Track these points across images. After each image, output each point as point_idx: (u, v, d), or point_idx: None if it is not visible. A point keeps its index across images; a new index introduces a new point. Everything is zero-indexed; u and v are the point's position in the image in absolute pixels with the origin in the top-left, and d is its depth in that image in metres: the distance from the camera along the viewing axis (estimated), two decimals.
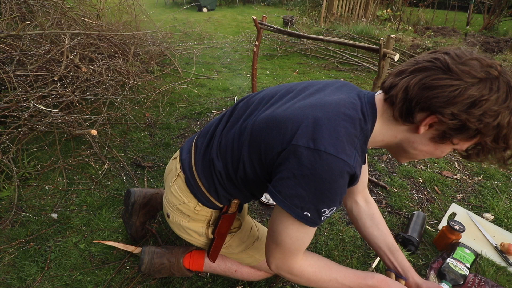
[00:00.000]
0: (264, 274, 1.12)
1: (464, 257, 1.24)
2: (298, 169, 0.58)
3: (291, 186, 0.59)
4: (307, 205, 0.60)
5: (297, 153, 0.58)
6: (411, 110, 0.58)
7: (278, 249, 0.68)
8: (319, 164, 0.56)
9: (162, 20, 5.28)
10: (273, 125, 0.65)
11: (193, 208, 0.89)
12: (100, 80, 2.25)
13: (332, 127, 0.59)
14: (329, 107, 0.62)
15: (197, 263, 1.10)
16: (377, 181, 1.82)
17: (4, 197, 1.58)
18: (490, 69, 0.53)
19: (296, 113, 0.63)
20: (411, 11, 7.14)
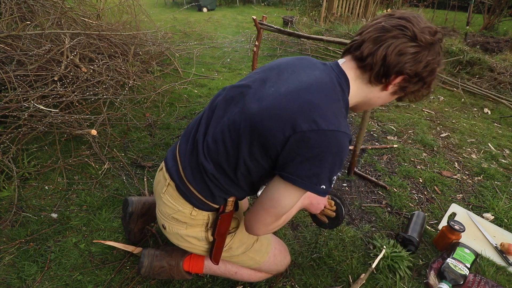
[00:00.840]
0: (264, 275, 1.12)
1: (464, 257, 1.24)
2: (310, 152, 0.64)
3: (307, 168, 0.65)
4: (323, 180, 0.67)
5: (304, 138, 0.64)
6: (388, 74, 0.69)
7: (274, 217, 0.75)
8: (327, 141, 0.64)
9: (162, 20, 5.28)
10: (270, 117, 0.68)
11: (189, 214, 0.87)
12: (100, 80, 2.25)
13: (326, 106, 0.66)
14: (315, 88, 0.69)
15: (197, 265, 1.09)
16: (377, 181, 1.82)
17: (4, 197, 1.58)
18: (437, 34, 0.69)
19: (289, 101, 0.67)
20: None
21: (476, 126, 2.62)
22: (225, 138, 0.75)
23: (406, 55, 0.67)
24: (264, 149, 0.70)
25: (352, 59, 0.75)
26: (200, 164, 0.80)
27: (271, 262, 1.08)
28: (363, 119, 1.60)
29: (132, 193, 1.68)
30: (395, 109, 2.87)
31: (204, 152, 0.79)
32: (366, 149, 2.17)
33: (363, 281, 1.21)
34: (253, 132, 0.70)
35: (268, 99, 0.70)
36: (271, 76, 0.77)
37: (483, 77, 3.63)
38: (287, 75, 0.75)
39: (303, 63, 0.79)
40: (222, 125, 0.77)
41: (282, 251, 1.12)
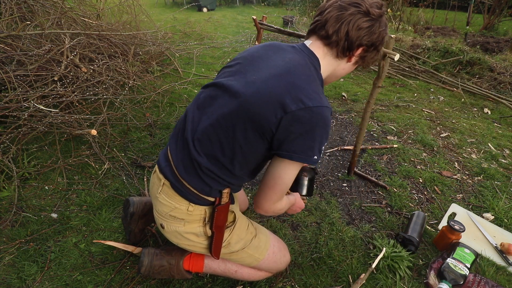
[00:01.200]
0: (264, 274, 1.12)
1: (464, 257, 1.24)
2: (301, 128, 0.71)
3: (301, 143, 0.73)
4: (315, 151, 0.75)
5: (295, 117, 0.71)
6: (352, 47, 0.80)
7: (280, 193, 0.81)
8: (315, 117, 0.72)
9: (162, 20, 5.28)
10: (260, 102, 0.73)
11: (185, 210, 0.89)
12: (100, 80, 2.25)
13: (307, 86, 0.74)
14: (294, 70, 0.76)
15: (197, 264, 1.09)
16: (377, 181, 1.82)
17: (4, 197, 1.58)
18: (383, 7, 0.80)
19: (274, 85, 0.73)
20: (411, 11, 7.14)
21: (476, 126, 2.62)
22: (218, 131, 0.78)
23: (364, 29, 0.77)
24: (260, 133, 0.75)
25: (318, 39, 0.83)
26: (193, 160, 0.82)
27: (270, 260, 1.08)
28: (363, 119, 1.60)
29: (132, 193, 1.68)
30: (395, 109, 2.87)
31: (196, 148, 0.82)
32: (366, 149, 2.17)
33: (363, 281, 1.21)
34: (246, 119, 0.74)
35: (254, 86, 0.75)
36: (248, 67, 0.82)
37: (483, 77, 3.63)
38: (263, 63, 0.80)
39: (273, 49, 0.85)
40: (212, 120, 0.80)
41: (281, 249, 1.13)
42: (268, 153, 0.81)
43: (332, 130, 2.48)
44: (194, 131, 0.83)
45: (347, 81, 3.60)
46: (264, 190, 0.82)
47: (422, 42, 4.55)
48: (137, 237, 1.30)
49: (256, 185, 1.79)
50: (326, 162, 2.05)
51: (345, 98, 3.10)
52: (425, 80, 3.67)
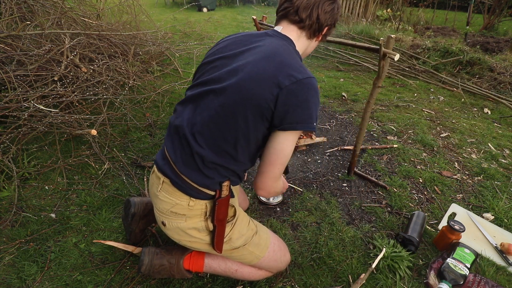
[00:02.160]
0: (264, 274, 1.12)
1: (464, 257, 1.24)
2: (298, 100, 0.78)
3: (300, 113, 0.79)
4: (313, 118, 0.81)
5: (290, 91, 0.77)
6: (321, 28, 0.93)
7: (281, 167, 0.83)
8: (306, 88, 0.79)
9: (162, 20, 5.27)
10: (256, 82, 0.78)
11: (186, 205, 0.90)
12: (100, 80, 2.25)
13: (293, 62, 0.82)
14: (278, 51, 0.83)
15: (197, 263, 1.09)
16: (377, 181, 1.82)
17: (4, 197, 1.58)
18: None
19: (265, 66, 0.80)
20: (411, 11, 7.14)
21: (476, 126, 2.62)
22: (218, 121, 0.82)
23: (329, 12, 0.90)
24: (259, 115, 0.79)
25: (290, 23, 0.92)
26: (195, 154, 0.85)
27: (271, 258, 1.08)
28: (363, 119, 1.60)
29: (132, 193, 1.68)
30: (395, 109, 2.87)
31: (199, 142, 0.84)
32: (366, 149, 2.17)
33: (363, 281, 1.21)
34: (245, 103, 0.79)
35: (245, 70, 0.80)
36: (233, 57, 0.87)
37: (483, 77, 3.63)
38: (247, 51, 0.86)
39: (250, 37, 0.92)
40: (211, 111, 0.83)
41: (281, 248, 1.13)
42: (268, 132, 0.85)
43: (332, 130, 2.48)
44: (192, 125, 0.85)
45: (347, 81, 3.60)
46: (266, 168, 0.84)
47: (422, 42, 4.55)
48: (137, 237, 1.30)
49: None
50: (326, 162, 2.05)
51: (345, 98, 3.10)
52: (425, 80, 3.67)
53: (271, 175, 0.84)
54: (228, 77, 0.82)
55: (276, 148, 0.82)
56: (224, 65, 0.86)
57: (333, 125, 2.56)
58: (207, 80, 0.87)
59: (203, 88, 0.86)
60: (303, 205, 1.65)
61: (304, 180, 1.87)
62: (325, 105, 2.93)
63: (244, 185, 1.80)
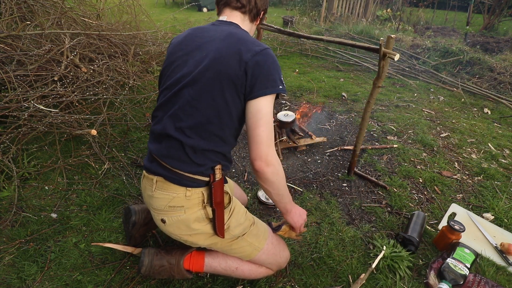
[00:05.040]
0: (265, 271, 1.12)
1: (464, 257, 1.24)
2: (262, 69, 0.86)
3: (266, 80, 0.87)
4: (278, 82, 0.88)
5: (253, 63, 0.86)
6: (259, 13, 1.06)
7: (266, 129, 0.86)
8: (266, 57, 0.88)
9: (162, 20, 5.27)
10: (226, 56, 0.87)
11: (183, 196, 0.92)
12: (100, 80, 2.25)
13: (249, 38, 0.92)
14: (233, 32, 0.93)
15: (197, 263, 1.09)
16: (377, 181, 1.82)
17: (4, 197, 1.58)
18: None
19: (228, 44, 0.89)
20: (411, 11, 7.14)
21: (476, 126, 2.62)
22: (200, 106, 0.88)
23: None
24: (234, 89, 0.87)
25: (233, 10, 1.01)
26: (186, 147, 0.89)
27: (270, 252, 1.09)
28: (363, 119, 1.60)
29: (132, 193, 1.68)
30: (395, 109, 2.87)
31: (187, 134, 0.89)
32: (366, 149, 2.17)
33: (363, 281, 1.21)
34: (220, 80, 0.86)
35: (209, 56, 0.88)
36: (190, 52, 0.94)
37: (483, 77, 3.63)
38: (201, 43, 0.94)
39: (197, 31, 0.99)
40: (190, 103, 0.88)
41: (280, 242, 1.14)
42: (244, 106, 0.91)
43: (332, 130, 2.48)
44: (175, 122, 0.90)
45: (347, 81, 3.60)
46: (251, 134, 0.87)
47: (422, 42, 4.55)
48: (137, 241, 1.30)
49: (255, 185, 1.79)
50: (326, 162, 2.05)
51: (345, 98, 3.10)
52: (425, 80, 3.67)
53: (258, 139, 0.85)
54: (195, 68, 0.89)
55: (252, 113, 0.86)
56: (187, 61, 0.92)
57: (333, 125, 2.56)
58: (176, 79, 0.92)
59: (176, 88, 0.91)
60: (303, 205, 1.65)
61: (304, 180, 1.87)
62: (325, 105, 2.93)
63: (244, 185, 1.80)
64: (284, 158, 2.08)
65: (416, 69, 3.92)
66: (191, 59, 0.91)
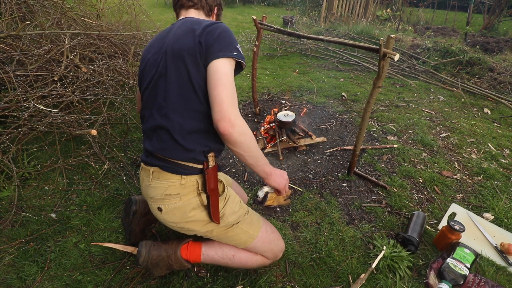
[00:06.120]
0: (260, 259, 1.14)
1: (464, 257, 1.24)
2: (213, 36, 0.91)
3: (218, 44, 0.90)
4: (231, 48, 0.92)
5: (205, 32, 0.92)
6: (212, 8, 1.15)
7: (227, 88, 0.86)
8: (217, 27, 0.94)
9: (162, 20, 5.27)
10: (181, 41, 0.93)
11: (179, 184, 0.95)
12: (100, 80, 2.25)
13: (204, 20, 0.99)
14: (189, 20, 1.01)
15: (194, 252, 1.11)
16: (377, 181, 1.82)
17: (4, 197, 1.58)
18: None
19: (183, 28, 0.97)
20: (411, 11, 7.14)
21: (476, 126, 2.62)
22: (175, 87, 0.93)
23: None
24: (195, 59, 0.90)
25: (188, 9, 1.11)
26: (173, 133, 0.92)
27: (265, 239, 1.12)
28: (363, 119, 1.60)
29: (132, 193, 1.68)
30: (395, 109, 2.87)
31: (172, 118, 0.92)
32: (366, 149, 2.17)
33: (363, 281, 1.21)
34: (181, 55, 0.91)
35: (170, 37, 0.97)
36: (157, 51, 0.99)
37: (483, 77, 3.63)
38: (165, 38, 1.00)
39: (161, 33, 1.06)
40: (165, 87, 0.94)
41: (274, 230, 1.18)
42: None
43: (332, 130, 2.48)
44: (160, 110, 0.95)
45: (347, 81, 3.60)
46: (212, 96, 0.87)
47: (422, 42, 4.55)
48: (137, 237, 1.30)
49: (255, 185, 1.79)
50: (326, 162, 2.05)
51: (345, 98, 3.10)
52: (425, 80, 3.67)
53: (218, 99, 0.85)
54: (162, 59, 0.96)
55: (211, 74, 0.88)
56: (156, 59, 0.98)
57: (333, 125, 2.56)
58: (151, 76, 0.98)
59: (152, 83, 0.98)
60: (303, 205, 1.65)
61: (304, 180, 1.87)
62: (325, 105, 2.93)
63: (244, 185, 1.80)
64: (284, 158, 2.08)
65: (416, 69, 3.92)
66: (158, 55, 0.98)
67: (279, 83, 3.44)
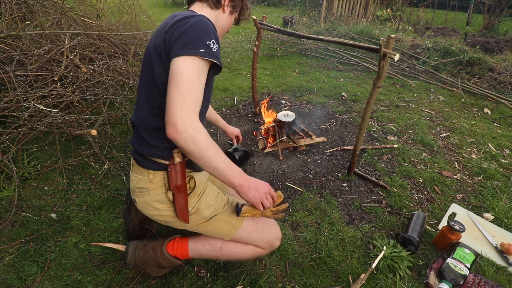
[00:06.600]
0: (252, 249, 1.08)
1: (464, 257, 1.24)
2: (179, 31, 0.84)
3: (181, 41, 0.83)
4: (201, 44, 0.83)
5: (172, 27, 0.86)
6: (220, 1, 1.02)
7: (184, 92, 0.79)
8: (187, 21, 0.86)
9: (162, 20, 5.28)
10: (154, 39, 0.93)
11: (147, 179, 0.98)
12: (100, 80, 2.25)
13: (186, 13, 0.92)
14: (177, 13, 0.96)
15: (182, 248, 1.11)
16: (377, 181, 1.82)
17: (4, 197, 1.58)
18: None
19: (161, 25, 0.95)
20: (411, 11, 7.14)
21: (476, 126, 2.62)
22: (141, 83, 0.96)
23: None
24: (160, 57, 0.88)
25: (192, 3, 1.04)
26: (139, 129, 0.96)
27: (251, 228, 1.06)
28: (363, 119, 1.60)
29: None
30: (395, 109, 2.87)
31: (137, 113, 0.96)
32: (366, 149, 2.17)
33: (363, 281, 1.21)
34: (150, 53, 0.90)
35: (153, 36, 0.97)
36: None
37: (483, 77, 3.63)
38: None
39: None
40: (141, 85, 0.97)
41: (262, 218, 1.10)
42: None
43: (332, 130, 2.48)
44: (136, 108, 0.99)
45: (347, 81, 3.60)
46: (166, 95, 0.80)
47: (422, 42, 4.55)
48: (135, 230, 1.29)
49: None
50: (326, 162, 2.05)
51: (345, 98, 3.10)
52: (425, 80, 3.67)
53: (168, 100, 0.79)
54: (146, 56, 0.96)
55: (171, 74, 0.81)
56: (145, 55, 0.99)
57: (333, 125, 2.56)
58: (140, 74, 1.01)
59: (139, 80, 1.01)
60: (303, 205, 1.65)
61: (304, 180, 1.87)
62: (325, 105, 2.93)
63: None
64: (284, 158, 2.08)
65: (416, 69, 3.92)
66: (146, 53, 0.98)
67: (279, 83, 3.44)
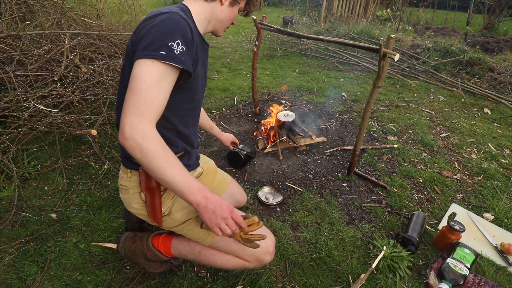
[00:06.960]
0: (233, 259, 1.03)
1: (464, 257, 1.24)
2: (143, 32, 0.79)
3: (143, 43, 0.77)
4: (162, 45, 0.75)
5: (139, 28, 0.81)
6: None
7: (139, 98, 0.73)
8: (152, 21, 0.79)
9: None
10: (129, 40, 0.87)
11: (127, 177, 0.98)
12: (100, 80, 2.25)
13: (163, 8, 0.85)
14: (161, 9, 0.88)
15: (165, 244, 1.11)
16: (377, 181, 1.82)
17: (4, 197, 1.58)
18: None
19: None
20: (411, 11, 7.14)
21: (476, 126, 2.62)
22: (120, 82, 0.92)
23: None
24: (130, 60, 0.82)
25: None
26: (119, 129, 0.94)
27: (230, 239, 0.95)
28: (363, 119, 1.60)
29: None
30: (395, 109, 2.87)
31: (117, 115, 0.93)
32: (366, 149, 2.17)
33: (363, 281, 1.21)
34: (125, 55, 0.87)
35: None
36: None
37: (483, 77, 3.63)
38: None
39: None
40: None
41: None
42: None
43: (332, 130, 2.48)
44: None
45: (347, 81, 3.60)
46: (125, 98, 0.76)
47: (422, 42, 4.55)
48: (135, 228, 1.29)
49: (255, 185, 1.79)
50: (326, 162, 2.05)
51: (345, 98, 3.10)
52: (425, 80, 3.67)
53: (124, 105, 0.74)
54: None
55: (130, 77, 0.77)
56: None
57: (333, 125, 2.56)
58: None
59: None
60: (303, 205, 1.65)
61: (304, 180, 1.87)
62: (325, 105, 2.93)
63: (244, 185, 1.80)
64: (284, 158, 2.08)
65: (416, 69, 3.92)
66: None
67: (279, 83, 3.44)
